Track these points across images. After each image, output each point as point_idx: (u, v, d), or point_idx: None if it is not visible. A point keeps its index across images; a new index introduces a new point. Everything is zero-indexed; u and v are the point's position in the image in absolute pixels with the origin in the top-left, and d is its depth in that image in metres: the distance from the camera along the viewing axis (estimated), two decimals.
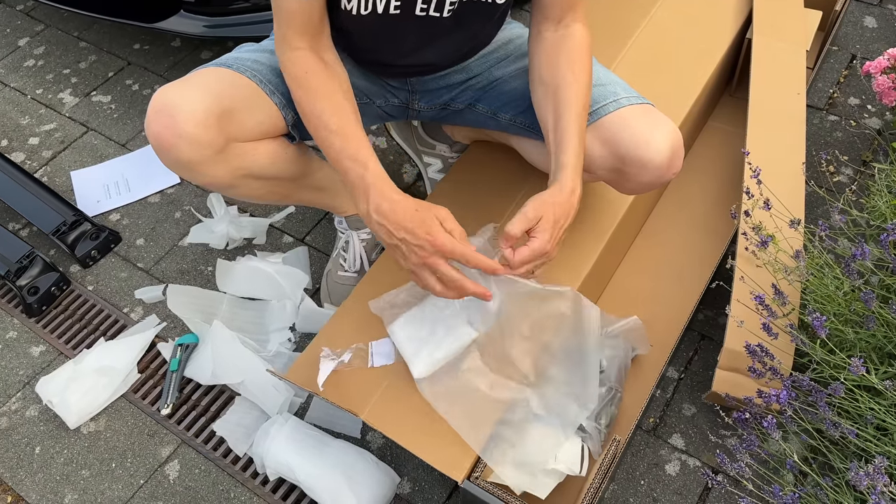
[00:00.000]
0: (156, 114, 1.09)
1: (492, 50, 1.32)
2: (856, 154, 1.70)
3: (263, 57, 1.21)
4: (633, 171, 1.17)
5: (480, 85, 1.33)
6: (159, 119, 1.08)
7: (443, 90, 1.34)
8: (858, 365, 1.00)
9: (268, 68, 1.19)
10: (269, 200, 1.34)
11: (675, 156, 1.16)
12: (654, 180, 1.18)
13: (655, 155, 1.14)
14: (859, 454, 1.13)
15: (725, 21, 1.67)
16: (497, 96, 1.32)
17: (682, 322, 1.40)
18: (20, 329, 1.60)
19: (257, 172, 1.21)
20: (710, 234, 1.53)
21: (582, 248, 1.34)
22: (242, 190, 1.23)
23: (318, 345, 1.27)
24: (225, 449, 1.39)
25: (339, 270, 1.54)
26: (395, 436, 1.16)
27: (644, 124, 1.15)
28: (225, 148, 1.13)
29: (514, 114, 1.31)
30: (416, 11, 1.12)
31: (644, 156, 1.14)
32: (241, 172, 1.18)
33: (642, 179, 1.18)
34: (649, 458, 1.32)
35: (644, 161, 1.15)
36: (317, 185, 1.37)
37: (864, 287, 1.16)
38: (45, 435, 1.44)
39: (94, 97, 2.04)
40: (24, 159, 1.91)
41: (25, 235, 1.75)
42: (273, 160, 1.22)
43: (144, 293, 1.60)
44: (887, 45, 1.91)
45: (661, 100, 1.50)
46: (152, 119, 1.10)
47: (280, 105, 1.18)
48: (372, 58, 1.25)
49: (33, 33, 2.25)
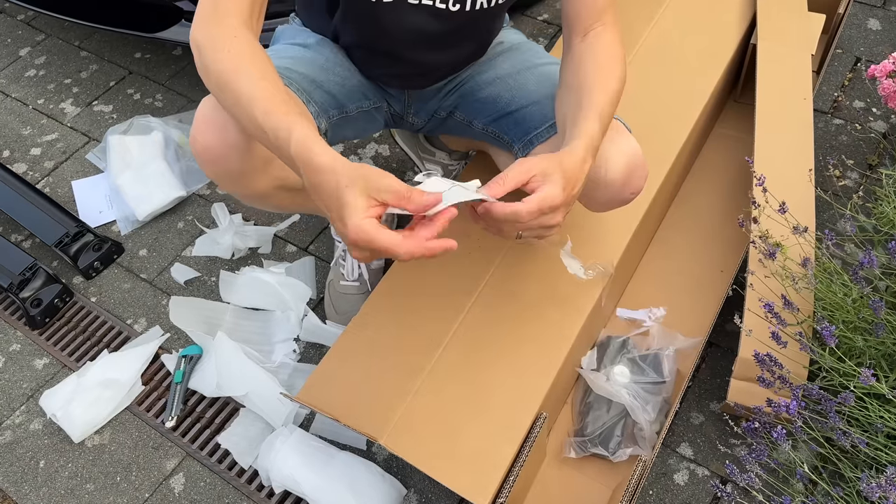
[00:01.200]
0: (205, 123, 1.05)
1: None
2: (861, 158, 1.69)
3: (294, 64, 1.19)
4: (588, 188, 1.11)
5: (462, 89, 1.31)
6: (209, 129, 1.05)
7: (434, 99, 1.33)
8: (868, 375, 0.99)
9: (300, 76, 1.17)
10: (287, 210, 1.32)
11: (632, 175, 1.11)
12: (611, 199, 1.14)
13: (607, 173, 1.09)
14: (870, 463, 1.12)
15: (730, 27, 1.66)
16: (472, 103, 1.30)
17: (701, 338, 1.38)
18: (23, 342, 1.59)
19: (292, 184, 1.19)
20: (724, 244, 1.52)
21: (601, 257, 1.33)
22: (273, 201, 1.22)
23: (328, 365, 1.25)
24: (230, 461, 1.38)
25: (340, 280, 1.53)
26: (416, 461, 1.13)
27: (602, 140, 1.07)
28: (271, 159, 1.10)
29: (485, 122, 1.29)
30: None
31: (597, 174, 1.09)
32: (278, 183, 1.15)
33: (598, 197, 1.14)
34: (657, 468, 1.31)
35: (598, 179, 1.09)
36: None
37: (873, 294, 1.15)
38: (49, 448, 1.43)
39: (95, 107, 2.04)
40: (27, 170, 1.91)
41: (28, 247, 1.75)
42: None
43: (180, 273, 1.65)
44: (891, 47, 1.90)
45: (669, 108, 1.51)
46: (202, 129, 1.05)
47: (315, 114, 1.16)
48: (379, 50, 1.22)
49: (34, 43, 2.25)
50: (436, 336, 1.25)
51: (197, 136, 1.06)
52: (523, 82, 1.26)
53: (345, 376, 1.24)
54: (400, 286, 1.33)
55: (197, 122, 1.06)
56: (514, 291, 1.29)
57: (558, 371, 1.21)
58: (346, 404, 1.19)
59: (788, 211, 1.24)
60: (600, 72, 1.07)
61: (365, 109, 1.28)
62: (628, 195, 1.14)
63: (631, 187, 1.13)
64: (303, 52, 1.22)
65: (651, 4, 1.71)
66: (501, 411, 1.17)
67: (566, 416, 1.36)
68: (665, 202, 1.57)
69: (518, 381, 1.20)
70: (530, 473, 1.25)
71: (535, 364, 1.22)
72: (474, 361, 1.23)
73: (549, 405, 1.23)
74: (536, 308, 1.27)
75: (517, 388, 1.19)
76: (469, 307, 1.28)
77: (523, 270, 1.32)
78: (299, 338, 1.51)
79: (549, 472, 1.29)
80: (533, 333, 1.25)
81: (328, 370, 1.24)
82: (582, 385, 1.35)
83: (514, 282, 1.30)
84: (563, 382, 1.31)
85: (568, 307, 1.27)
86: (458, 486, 1.10)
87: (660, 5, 1.70)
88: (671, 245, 1.55)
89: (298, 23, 1.33)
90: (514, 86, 1.26)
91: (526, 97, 1.24)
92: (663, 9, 1.70)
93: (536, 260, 1.32)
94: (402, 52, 1.20)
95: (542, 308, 1.27)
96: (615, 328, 1.43)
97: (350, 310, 1.49)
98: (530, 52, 1.32)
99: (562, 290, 1.29)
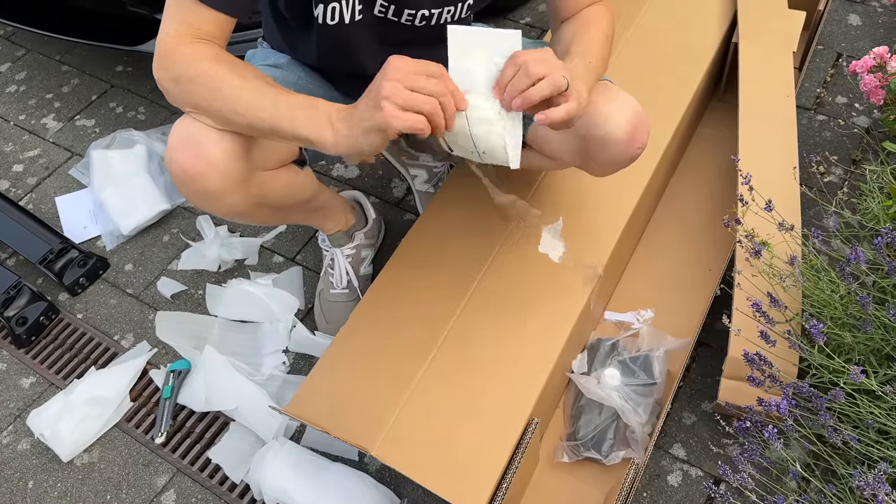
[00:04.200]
0: (181, 143, 1.04)
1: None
2: (845, 153, 1.69)
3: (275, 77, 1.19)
4: (595, 149, 1.13)
5: None
6: (186, 148, 1.04)
7: None
8: (857, 372, 0.99)
9: None
10: (268, 224, 1.32)
11: (637, 129, 1.12)
12: (619, 156, 1.14)
13: (614, 129, 1.10)
14: (862, 459, 1.12)
15: (711, 25, 1.67)
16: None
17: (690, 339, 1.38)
18: (9, 361, 1.57)
19: (271, 201, 1.19)
20: (710, 243, 1.52)
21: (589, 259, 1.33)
22: (253, 217, 1.22)
23: (317, 376, 1.24)
24: (221, 476, 1.37)
25: (329, 289, 1.53)
26: (408, 471, 1.13)
27: (600, 100, 1.11)
28: (249, 177, 1.10)
29: None
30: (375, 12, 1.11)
31: (602, 132, 1.10)
32: (257, 201, 1.16)
33: (606, 158, 1.15)
34: (651, 469, 1.31)
35: (603, 138, 1.11)
36: (314, 206, 1.36)
37: (860, 290, 1.15)
38: (37, 469, 1.42)
39: (77, 121, 2.02)
40: (9, 187, 1.89)
41: (12, 265, 1.73)
42: (288, 189, 1.21)
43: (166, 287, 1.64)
44: (872, 43, 1.91)
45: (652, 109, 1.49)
46: (177, 149, 1.04)
47: None
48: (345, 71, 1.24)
49: (14, 58, 2.23)
50: (425, 343, 1.25)
51: (174, 157, 1.06)
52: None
53: (334, 387, 1.23)
54: (387, 295, 1.32)
55: (172, 145, 1.06)
56: (502, 296, 1.29)
57: (549, 376, 1.21)
58: (336, 416, 1.18)
59: (774, 209, 1.24)
60: (598, 24, 1.13)
61: None
62: (636, 150, 1.14)
63: (637, 142, 1.13)
64: (275, 73, 1.23)
65: (632, 5, 1.71)
66: (493, 418, 1.17)
67: (558, 420, 1.35)
68: (651, 202, 1.57)
69: (509, 386, 1.20)
70: (524, 479, 1.24)
71: (526, 369, 1.21)
72: (464, 368, 1.22)
73: (540, 410, 1.22)
74: (525, 313, 1.27)
75: (508, 393, 1.19)
76: (458, 313, 1.27)
77: (511, 275, 1.31)
78: (288, 349, 1.50)
79: (543, 477, 1.29)
80: (522, 338, 1.24)
81: (317, 382, 1.24)
82: (573, 388, 1.35)
83: (502, 287, 1.30)
84: (554, 387, 1.30)
85: (556, 311, 1.27)
86: (451, 495, 1.10)
87: (640, 6, 1.71)
88: (658, 245, 1.55)
89: (266, 46, 1.33)
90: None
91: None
92: (644, 10, 1.70)
93: (524, 264, 1.32)
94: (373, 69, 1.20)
95: (531, 313, 1.27)
96: (605, 331, 1.43)
97: (341, 319, 1.48)
98: None
99: (550, 294, 1.29)
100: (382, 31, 1.15)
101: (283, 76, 1.23)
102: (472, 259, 1.33)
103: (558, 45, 1.16)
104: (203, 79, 0.98)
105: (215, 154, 1.04)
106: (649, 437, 1.27)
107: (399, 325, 1.28)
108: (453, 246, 1.35)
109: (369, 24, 1.13)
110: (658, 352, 1.34)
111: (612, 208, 1.39)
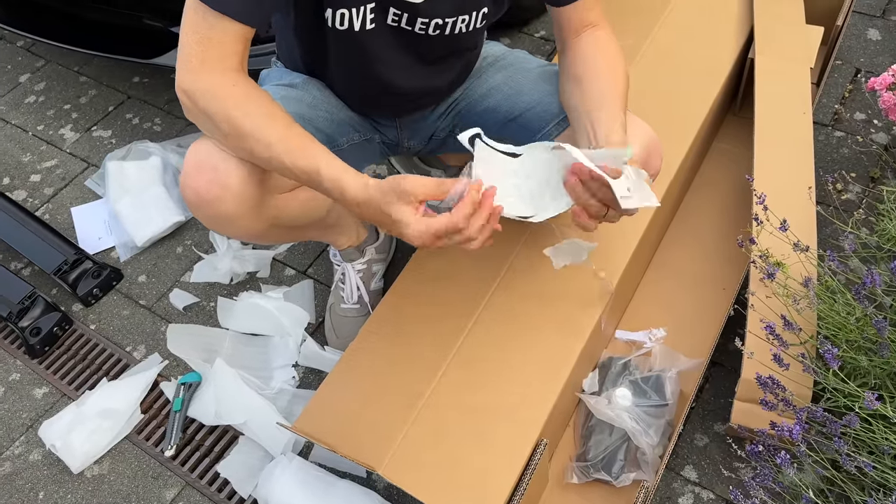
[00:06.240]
0: (196, 169, 1.04)
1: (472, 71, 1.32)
2: (863, 171, 1.67)
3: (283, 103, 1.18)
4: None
5: (458, 107, 1.33)
6: (201, 173, 1.04)
7: (429, 124, 1.34)
8: (872, 399, 0.97)
9: (295, 115, 1.17)
10: (283, 242, 1.33)
11: (651, 156, 1.13)
12: None
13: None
14: (877, 486, 1.10)
15: (727, 41, 1.65)
16: (471, 118, 1.30)
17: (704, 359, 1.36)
18: (23, 371, 1.59)
19: (287, 222, 1.19)
20: (725, 261, 1.50)
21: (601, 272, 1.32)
22: (267, 238, 1.23)
23: (326, 393, 1.24)
24: (230, 490, 1.37)
25: (340, 303, 1.52)
26: (416, 491, 1.12)
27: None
28: (264, 201, 1.10)
29: (489, 134, 1.29)
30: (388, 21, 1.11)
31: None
32: (272, 223, 1.16)
33: None
34: (661, 492, 1.29)
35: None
36: (328, 224, 1.36)
37: (877, 314, 1.13)
38: (48, 480, 1.42)
39: (94, 132, 2.04)
40: (27, 196, 1.91)
41: (27, 275, 1.75)
42: (304, 210, 1.22)
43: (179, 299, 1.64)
44: (891, 58, 1.88)
45: (668, 124, 1.48)
46: (192, 174, 1.04)
47: None
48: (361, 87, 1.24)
49: (34, 69, 2.26)
50: (434, 361, 1.24)
51: (188, 183, 1.05)
52: (518, 88, 1.27)
53: (342, 405, 1.22)
54: (397, 311, 1.32)
55: (187, 169, 1.05)
56: (512, 314, 1.28)
57: (559, 395, 1.20)
58: (344, 433, 1.18)
59: (789, 229, 1.23)
60: (610, 62, 1.16)
61: (356, 142, 1.29)
62: (651, 175, 1.14)
63: (651, 167, 1.14)
64: (290, 92, 1.23)
65: (648, 20, 1.70)
66: (501, 438, 1.16)
67: (568, 440, 1.34)
68: (665, 219, 1.55)
69: (518, 406, 1.19)
70: (532, 500, 1.23)
71: (536, 388, 1.20)
72: (473, 387, 1.21)
73: (550, 430, 1.21)
74: (535, 331, 1.26)
75: (517, 413, 1.18)
76: (468, 330, 1.27)
77: (522, 292, 1.30)
78: (298, 363, 1.50)
79: (552, 498, 1.28)
80: (532, 357, 1.23)
81: (325, 398, 1.23)
82: (584, 408, 1.33)
83: (513, 304, 1.29)
84: (565, 406, 1.29)
85: (568, 329, 1.26)
86: None
87: (656, 21, 1.69)
88: (672, 263, 1.53)
89: (280, 65, 1.33)
90: (510, 93, 1.27)
91: (526, 101, 1.26)
92: (660, 24, 1.69)
93: (535, 281, 1.31)
94: (389, 80, 1.20)
95: (542, 331, 1.26)
96: (617, 349, 1.42)
97: (351, 333, 1.47)
98: (516, 58, 1.34)
99: (562, 312, 1.28)
100: (397, 40, 1.14)
101: (299, 96, 1.23)
102: (482, 276, 1.32)
103: (566, 70, 1.18)
104: (232, 125, 0.98)
105: (231, 179, 1.04)
106: (660, 459, 1.25)
107: (409, 340, 1.28)
108: (464, 262, 1.34)
109: (382, 33, 1.12)
110: (670, 372, 1.32)
111: (625, 226, 1.37)
